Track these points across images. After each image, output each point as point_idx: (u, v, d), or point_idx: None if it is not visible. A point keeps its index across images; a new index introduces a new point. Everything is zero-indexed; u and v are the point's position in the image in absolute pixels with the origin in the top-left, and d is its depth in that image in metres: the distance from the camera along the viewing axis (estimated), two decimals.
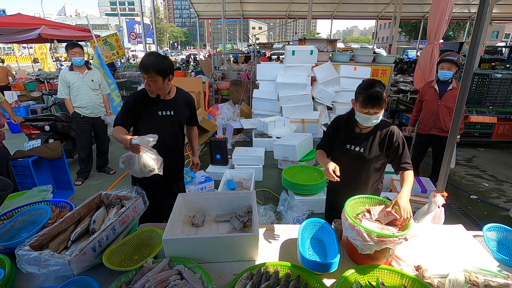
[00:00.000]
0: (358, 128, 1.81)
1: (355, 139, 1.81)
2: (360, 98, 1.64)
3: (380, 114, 1.64)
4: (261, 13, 18.20)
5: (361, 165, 1.83)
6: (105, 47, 7.09)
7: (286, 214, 3.18)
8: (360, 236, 1.26)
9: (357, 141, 1.80)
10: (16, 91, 7.75)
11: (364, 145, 1.78)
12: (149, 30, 20.52)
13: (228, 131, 5.77)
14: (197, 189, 3.33)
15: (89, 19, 6.43)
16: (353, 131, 1.82)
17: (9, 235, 1.52)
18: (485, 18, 1.80)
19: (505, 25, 33.45)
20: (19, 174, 3.23)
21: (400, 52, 18.69)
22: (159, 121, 2.05)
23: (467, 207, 3.58)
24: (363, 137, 1.79)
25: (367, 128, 1.78)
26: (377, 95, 1.58)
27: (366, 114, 1.63)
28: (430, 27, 4.14)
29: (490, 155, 5.35)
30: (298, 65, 6.00)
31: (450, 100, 3.36)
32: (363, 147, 1.78)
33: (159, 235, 1.49)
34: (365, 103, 1.60)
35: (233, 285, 1.22)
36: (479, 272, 1.22)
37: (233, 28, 59.50)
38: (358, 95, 1.67)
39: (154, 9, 8.33)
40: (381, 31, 39.87)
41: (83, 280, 1.20)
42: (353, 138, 1.82)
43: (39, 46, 13.39)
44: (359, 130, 1.81)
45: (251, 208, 1.70)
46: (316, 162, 4.52)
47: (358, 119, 1.71)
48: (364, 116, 1.65)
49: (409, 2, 14.48)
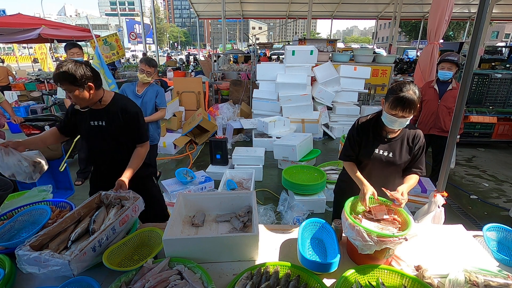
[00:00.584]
0: (385, 132, 1.73)
1: (383, 143, 1.74)
2: (390, 98, 1.57)
3: (408, 118, 1.58)
4: (261, 13, 18.24)
5: (390, 170, 1.78)
6: (105, 47, 7.09)
7: (286, 214, 3.18)
8: (360, 236, 1.26)
9: (386, 146, 1.73)
10: (16, 91, 7.76)
11: (393, 150, 1.72)
12: (149, 30, 20.55)
13: (228, 131, 5.77)
14: (197, 189, 3.33)
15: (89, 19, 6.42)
16: (380, 135, 1.75)
17: (9, 235, 1.52)
18: (485, 18, 1.80)
19: (505, 25, 33.47)
20: None
21: (400, 52, 18.70)
22: (92, 131, 1.85)
23: (467, 207, 3.58)
24: (392, 141, 1.73)
25: (395, 132, 1.72)
26: (409, 98, 1.51)
27: (393, 116, 1.57)
28: (430, 27, 4.14)
29: (490, 155, 5.35)
30: (298, 65, 6.00)
31: (450, 100, 3.36)
32: (392, 152, 1.72)
33: (159, 235, 1.49)
34: (395, 104, 1.54)
35: (233, 285, 1.22)
36: (479, 272, 1.22)
37: (233, 28, 59.54)
38: (389, 95, 1.59)
39: (154, 9, 8.35)
40: (381, 31, 39.87)
41: (83, 280, 1.20)
42: (381, 142, 1.74)
43: (39, 46, 13.39)
44: (386, 133, 1.73)
45: (251, 208, 1.70)
46: (316, 162, 4.53)
47: (383, 120, 1.65)
48: (390, 118, 1.58)
49: (409, 2, 14.51)
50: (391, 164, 1.73)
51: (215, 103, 7.32)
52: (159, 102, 3.26)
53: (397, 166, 1.74)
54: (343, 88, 6.16)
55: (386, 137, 1.73)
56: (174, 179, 3.43)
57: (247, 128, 5.80)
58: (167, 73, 10.78)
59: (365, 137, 1.77)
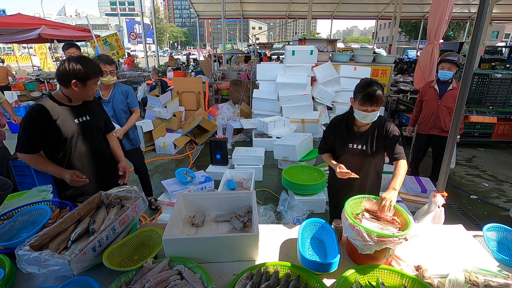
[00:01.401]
0: (356, 127, 1.92)
1: (356, 137, 1.92)
2: (358, 96, 1.76)
3: (377, 111, 1.76)
4: (261, 13, 18.23)
5: (364, 161, 1.95)
6: (105, 47, 7.10)
7: (286, 214, 3.18)
8: (360, 236, 1.26)
9: (358, 139, 1.91)
10: (16, 91, 7.77)
11: (365, 142, 1.90)
12: (149, 30, 20.56)
13: (228, 131, 5.77)
14: (197, 189, 3.33)
15: (89, 19, 6.43)
16: (352, 130, 1.93)
17: (9, 235, 1.52)
18: (485, 18, 1.80)
19: (505, 25, 33.47)
20: (19, 174, 3.22)
21: (400, 52, 18.69)
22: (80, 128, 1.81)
23: (467, 207, 3.58)
24: (363, 134, 1.91)
25: (365, 125, 1.89)
26: (374, 93, 1.70)
27: (364, 111, 1.75)
28: (430, 27, 4.14)
29: (490, 155, 5.35)
30: (298, 65, 6.00)
31: (450, 100, 3.36)
32: (365, 144, 1.90)
33: (159, 235, 1.49)
34: (364, 101, 1.72)
35: (233, 285, 1.22)
36: (479, 272, 1.22)
37: (233, 28, 59.52)
38: (357, 94, 1.78)
39: (154, 9, 8.35)
40: (381, 31, 39.87)
41: (83, 280, 1.20)
42: (353, 136, 1.92)
43: (39, 46, 13.41)
44: (358, 128, 1.92)
45: (251, 208, 1.70)
46: (316, 162, 4.53)
47: (356, 116, 1.83)
48: (362, 113, 1.77)
49: (409, 2, 14.51)
50: (365, 155, 1.91)
51: (215, 103, 7.32)
52: (131, 103, 2.99)
53: (369, 156, 1.91)
54: (343, 88, 6.15)
55: (358, 131, 1.92)
56: (174, 179, 3.43)
57: (247, 128, 5.80)
58: (167, 73, 10.78)
59: (338, 133, 1.97)
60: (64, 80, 1.68)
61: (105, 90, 2.83)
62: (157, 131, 5.39)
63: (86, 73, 1.68)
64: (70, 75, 1.66)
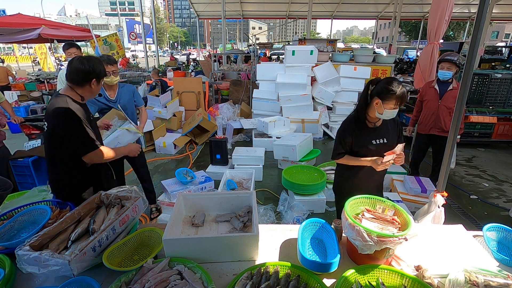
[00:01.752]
0: (371, 123, 1.96)
1: (376, 133, 1.97)
2: (391, 97, 1.78)
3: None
4: (261, 13, 18.24)
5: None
6: (105, 47, 7.10)
7: (286, 214, 3.18)
8: (360, 236, 1.25)
9: (379, 134, 1.97)
10: (16, 91, 7.76)
11: (385, 135, 1.97)
12: (149, 30, 20.55)
13: (228, 131, 5.77)
14: (197, 189, 3.33)
15: (89, 19, 6.43)
16: (367, 127, 1.97)
17: (9, 235, 1.52)
18: (485, 18, 1.79)
19: (505, 25, 33.48)
20: (19, 174, 3.23)
21: (400, 52, 18.67)
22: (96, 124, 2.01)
23: (467, 207, 3.58)
24: (380, 129, 1.98)
25: (379, 120, 1.95)
26: (405, 92, 1.80)
27: (394, 109, 1.81)
28: (430, 27, 4.13)
29: (490, 155, 5.35)
30: (298, 65, 6.00)
31: (450, 100, 3.36)
32: (385, 137, 1.97)
33: (159, 235, 1.49)
34: (397, 100, 1.78)
35: (233, 285, 1.22)
36: (479, 272, 1.22)
37: (233, 28, 59.51)
38: (387, 94, 1.79)
39: (154, 9, 8.35)
40: (381, 31, 39.87)
41: (83, 280, 1.19)
42: (373, 133, 1.97)
43: (39, 46, 13.41)
44: (373, 124, 1.96)
45: (251, 208, 1.70)
46: (316, 162, 4.53)
47: (380, 116, 1.85)
48: (391, 112, 1.82)
49: (409, 2, 14.51)
50: (388, 147, 1.93)
51: (215, 103, 7.32)
52: (138, 101, 3.07)
53: (391, 148, 1.92)
54: (343, 88, 6.15)
55: (374, 126, 1.96)
56: (174, 179, 3.43)
57: (247, 128, 5.80)
58: (167, 73, 10.78)
59: (357, 133, 1.97)
60: (83, 79, 1.74)
61: (109, 90, 2.84)
62: (157, 131, 5.39)
63: (101, 72, 1.79)
64: (91, 74, 1.73)
